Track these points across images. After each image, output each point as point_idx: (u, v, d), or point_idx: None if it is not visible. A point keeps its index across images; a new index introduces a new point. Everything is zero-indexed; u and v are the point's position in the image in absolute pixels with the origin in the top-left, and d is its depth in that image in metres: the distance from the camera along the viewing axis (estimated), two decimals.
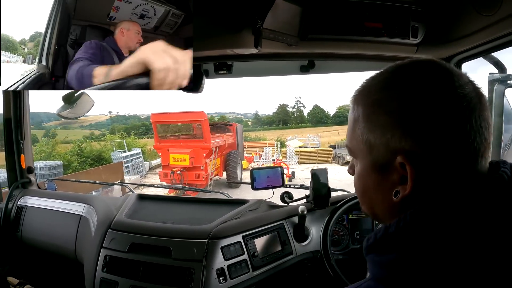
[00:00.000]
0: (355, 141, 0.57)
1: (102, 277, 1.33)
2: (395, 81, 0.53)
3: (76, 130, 32.36)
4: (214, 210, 1.62)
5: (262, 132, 32.80)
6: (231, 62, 1.47)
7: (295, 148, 19.96)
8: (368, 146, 0.54)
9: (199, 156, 10.48)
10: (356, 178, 0.60)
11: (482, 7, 1.11)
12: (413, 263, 0.46)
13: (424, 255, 0.46)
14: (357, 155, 0.58)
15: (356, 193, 0.62)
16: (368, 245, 0.54)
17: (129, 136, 22.67)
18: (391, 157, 0.51)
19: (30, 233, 1.87)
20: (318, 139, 26.67)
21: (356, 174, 0.60)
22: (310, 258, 1.45)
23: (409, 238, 0.48)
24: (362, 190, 0.60)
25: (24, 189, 2.06)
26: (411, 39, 1.34)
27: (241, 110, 66.33)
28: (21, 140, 2.03)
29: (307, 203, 1.54)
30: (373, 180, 0.55)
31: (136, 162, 15.41)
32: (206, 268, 1.25)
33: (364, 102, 0.55)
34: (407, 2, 1.31)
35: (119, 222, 1.45)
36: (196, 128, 11.07)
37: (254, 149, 19.90)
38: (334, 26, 1.28)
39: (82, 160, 16.47)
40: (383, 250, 0.51)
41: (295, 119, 50.98)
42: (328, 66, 1.66)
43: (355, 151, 0.58)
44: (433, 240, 0.46)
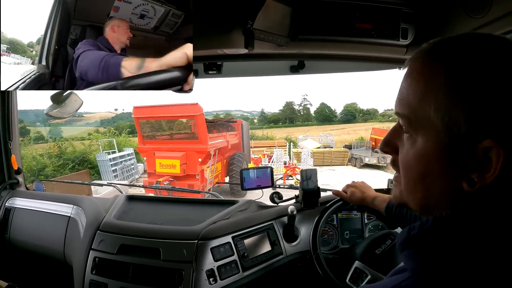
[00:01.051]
0: (422, 111, 0.47)
1: (91, 279, 1.32)
2: (493, 54, 0.43)
3: (81, 128, 31.97)
4: (203, 210, 1.62)
5: (269, 130, 31.98)
6: (221, 62, 1.46)
7: (312, 149, 17.79)
8: (445, 122, 0.44)
9: (193, 162, 8.47)
10: (413, 158, 0.49)
11: (471, 9, 1.12)
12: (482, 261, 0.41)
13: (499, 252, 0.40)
14: (419, 130, 0.48)
15: (407, 177, 0.51)
16: (411, 236, 0.47)
17: (121, 134, 19.61)
18: (474, 139, 0.42)
19: (18, 235, 1.84)
20: (332, 138, 23.67)
21: (415, 153, 0.49)
22: (300, 258, 1.46)
23: (482, 231, 0.42)
24: (421, 174, 0.49)
25: (12, 190, 2.03)
26: (401, 40, 1.35)
27: (247, 108, 66.11)
28: (9, 140, 1.99)
29: (296, 203, 1.54)
30: (440, 164, 0.46)
31: (126, 164, 13.53)
32: (196, 269, 1.25)
33: (449, 68, 0.45)
34: (397, 4, 1.31)
35: (108, 223, 1.44)
36: (188, 126, 9.07)
37: (261, 149, 18.08)
38: (324, 27, 1.28)
39: (60, 164, 13.66)
40: (433, 243, 0.45)
41: (302, 117, 50.79)
42: (318, 67, 1.66)
43: (417, 124, 0.48)
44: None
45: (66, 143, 16.17)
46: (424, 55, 0.49)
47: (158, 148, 8.79)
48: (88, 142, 17.20)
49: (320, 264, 1.37)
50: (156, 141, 9.16)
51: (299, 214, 1.50)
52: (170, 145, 8.78)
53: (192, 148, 8.51)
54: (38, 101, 17.26)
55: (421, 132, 0.47)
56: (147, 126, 9.17)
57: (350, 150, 18.92)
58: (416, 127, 0.48)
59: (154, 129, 9.27)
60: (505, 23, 1.04)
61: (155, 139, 9.19)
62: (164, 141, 9.12)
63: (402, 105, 0.50)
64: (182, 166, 8.28)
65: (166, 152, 8.60)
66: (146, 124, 9.11)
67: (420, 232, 0.46)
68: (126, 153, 14.45)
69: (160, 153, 8.60)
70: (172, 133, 9.26)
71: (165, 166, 8.44)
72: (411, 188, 0.51)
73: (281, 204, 1.64)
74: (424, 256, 0.45)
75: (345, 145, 21.85)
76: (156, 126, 9.29)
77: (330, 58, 1.48)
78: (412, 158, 0.49)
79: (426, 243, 0.45)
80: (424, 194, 0.49)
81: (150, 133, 9.23)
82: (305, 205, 1.46)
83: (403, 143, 0.51)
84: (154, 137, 9.24)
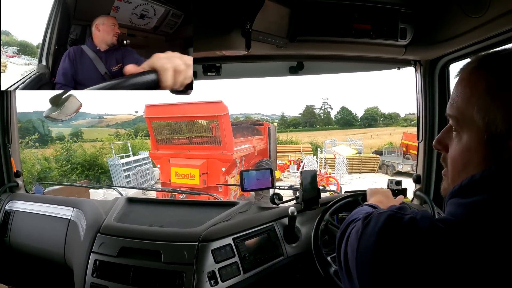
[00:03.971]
0: (467, 112, 0.56)
1: (92, 282, 1.32)
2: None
3: (102, 129, 31.91)
4: (204, 212, 1.61)
5: (294, 134, 31.28)
6: (220, 63, 1.46)
7: (347, 156, 16.34)
8: (485, 121, 0.54)
9: (215, 172, 7.01)
10: (459, 152, 0.59)
11: (469, 9, 1.12)
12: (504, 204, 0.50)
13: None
14: (465, 128, 0.58)
15: (453, 169, 0.62)
16: (453, 190, 0.58)
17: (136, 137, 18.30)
18: (508, 135, 0.52)
19: (18, 238, 1.84)
20: (360, 144, 21.91)
21: (461, 148, 0.59)
22: (301, 259, 1.46)
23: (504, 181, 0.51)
24: (464, 165, 0.59)
25: (12, 193, 2.02)
26: (400, 40, 1.35)
27: (266, 111, 65.56)
28: (8, 143, 1.99)
29: (297, 204, 1.54)
30: (479, 156, 0.56)
31: (140, 169, 12.29)
32: (197, 272, 1.25)
33: (491, 76, 0.54)
34: (395, 4, 1.32)
35: (108, 226, 1.44)
36: (210, 128, 7.77)
37: (286, 154, 16.69)
38: (323, 28, 1.28)
39: (68, 168, 12.55)
40: (469, 193, 0.55)
41: (322, 120, 50.31)
42: (317, 68, 1.67)
43: (463, 123, 0.58)
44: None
45: (75, 145, 14.79)
46: (471, 65, 0.59)
47: (174, 155, 7.42)
48: (100, 144, 15.49)
49: (321, 265, 1.37)
50: (172, 145, 7.84)
51: (299, 215, 1.49)
52: (188, 151, 7.43)
53: (215, 155, 7.10)
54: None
55: (466, 130, 0.57)
56: (161, 128, 7.88)
57: (380, 156, 17.93)
58: (462, 126, 0.58)
59: (169, 132, 7.96)
60: (503, 23, 1.04)
61: (171, 144, 7.88)
62: (181, 146, 7.77)
63: (452, 107, 0.60)
64: (202, 176, 6.88)
65: (183, 159, 7.21)
66: (160, 125, 7.83)
67: (470, 182, 0.55)
68: (141, 157, 13.23)
69: (176, 161, 7.20)
70: (190, 136, 7.99)
71: (181, 176, 7.04)
72: (455, 178, 0.60)
73: (282, 205, 1.63)
74: (466, 202, 0.55)
75: (375, 150, 20.50)
76: (173, 128, 8.03)
77: (329, 59, 1.49)
78: (459, 152, 0.59)
79: (474, 191, 0.54)
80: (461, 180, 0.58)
81: (165, 136, 7.88)
82: (305, 206, 1.46)
83: (452, 141, 0.62)
84: (170, 141, 7.94)
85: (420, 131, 1.66)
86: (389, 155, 17.54)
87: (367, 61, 1.51)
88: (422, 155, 1.68)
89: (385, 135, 29.16)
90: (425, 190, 1.69)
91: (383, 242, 0.55)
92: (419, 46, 1.39)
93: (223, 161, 7.02)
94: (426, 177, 1.68)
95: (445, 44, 1.33)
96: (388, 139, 25.28)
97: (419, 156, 1.72)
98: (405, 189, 1.67)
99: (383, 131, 34.26)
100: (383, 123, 44.80)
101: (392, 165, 16.38)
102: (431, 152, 1.65)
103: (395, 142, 21.39)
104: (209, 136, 7.75)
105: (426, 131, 1.63)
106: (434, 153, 1.65)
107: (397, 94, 69.81)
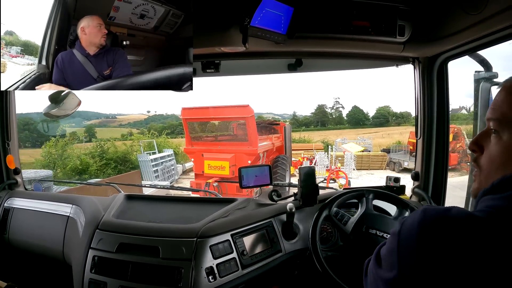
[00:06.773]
0: (510, 115, 0.63)
1: (90, 278, 1.32)
2: None
3: (115, 129, 32.02)
4: (202, 209, 1.61)
5: (306, 133, 31.39)
6: (219, 60, 1.46)
7: (355, 152, 17.21)
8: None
9: (242, 164, 7.37)
10: (499, 151, 0.64)
11: (468, 6, 1.12)
12: None
13: None
14: (506, 128, 0.64)
15: (490, 167, 0.66)
16: (486, 189, 0.63)
17: (160, 135, 19.61)
18: None
19: (17, 235, 1.84)
20: (369, 142, 22.58)
21: (501, 147, 0.64)
22: (299, 256, 1.46)
23: None
24: (503, 163, 0.64)
25: (11, 190, 2.03)
26: (398, 37, 1.36)
27: (278, 111, 65.19)
28: (7, 140, 1.99)
29: (295, 201, 1.54)
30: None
31: (167, 165, 13.40)
32: (195, 267, 1.25)
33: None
34: (394, 1, 1.32)
35: (107, 222, 1.44)
36: (237, 127, 8.97)
37: (299, 152, 17.31)
38: (322, 25, 1.28)
39: (104, 163, 14.25)
40: (504, 189, 0.60)
41: (334, 120, 49.98)
42: (315, 65, 1.67)
43: (504, 124, 0.64)
44: None
45: (108, 143, 16.56)
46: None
47: (207, 150, 8.71)
48: (130, 142, 17.43)
49: (319, 261, 1.37)
50: (203, 142, 9.16)
51: (297, 211, 1.49)
52: (219, 147, 8.74)
53: (242, 150, 8.42)
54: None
55: (507, 130, 0.63)
56: (195, 127, 9.18)
57: (388, 154, 18.48)
58: (503, 127, 0.64)
59: (202, 130, 9.36)
60: (501, 19, 1.05)
61: (202, 140, 9.21)
62: (212, 142, 9.13)
63: (495, 111, 0.66)
64: (231, 167, 8.16)
65: (215, 153, 8.50)
66: (194, 125, 9.13)
67: (501, 181, 0.61)
68: (166, 154, 14.36)
69: (209, 155, 8.48)
70: (220, 134, 9.36)
71: (213, 167, 8.31)
72: (492, 174, 0.65)
73: (280, 202, 1.64)
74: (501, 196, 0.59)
75: (383, 149, 21.01)
76: (205, 127, 9.44)
77: (328, 56, 1.49)
78: (498, 151, 0.64)
79: (500, 189, 0.60)
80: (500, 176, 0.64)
81: (198, 134, 9.24)
82: (303, 203, 1.46)
83: (489, 142, 0.67)
84: (201, 138, 9.26)
85: (419, 128, 1.66)
86: (396, 153, 18.07)
87: (366, 58, 1.52)
88: (420, 152, 1.68)
89: (396, 134, 29.12)
90: (424, 187, 1.69)
91: (426, 229, 0.58)
92: (418, 43, 1.40)
93: (249, 155, 8.27)
94: (425, 174, 1.68)
95: (443, 41, 1.33)
96: (398, 138, 25.46)
97: (417, 153, 1.72)
98: (403, 186, 1.68)
99: (395, 130, 33.93)
100: (394, 122, 44.40)
101: (399, 162, 16.70)
102: (430, 149, 1.65)
103: (404, 141, 21.64)
104: (236, 134, 9.06)
105: (425, 128, 1.63)
106: (432, 150, 1.65)
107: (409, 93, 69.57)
